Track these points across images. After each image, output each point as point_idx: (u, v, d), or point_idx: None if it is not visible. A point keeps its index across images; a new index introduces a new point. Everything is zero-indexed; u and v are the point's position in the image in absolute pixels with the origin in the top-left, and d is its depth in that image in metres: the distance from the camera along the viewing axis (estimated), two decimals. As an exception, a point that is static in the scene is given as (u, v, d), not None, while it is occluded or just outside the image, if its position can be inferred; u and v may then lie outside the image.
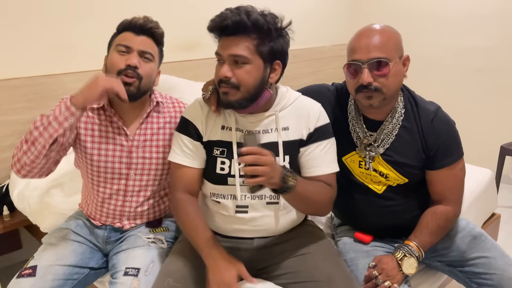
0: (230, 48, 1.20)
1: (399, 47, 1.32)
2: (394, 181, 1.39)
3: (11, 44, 2.13)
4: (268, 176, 1.08)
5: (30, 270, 1.32)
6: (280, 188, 1.13)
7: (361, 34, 1.31)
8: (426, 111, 1.35)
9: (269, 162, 1.08)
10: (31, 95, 2.18)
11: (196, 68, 2.85)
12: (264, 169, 1.07)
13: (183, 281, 1.22)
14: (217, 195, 1.34)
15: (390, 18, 3.80)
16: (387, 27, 1.32)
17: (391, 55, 1.27)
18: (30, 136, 1.24)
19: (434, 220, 1.35)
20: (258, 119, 1.31)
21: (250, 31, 1.19)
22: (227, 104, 1.25)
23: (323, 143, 1.32)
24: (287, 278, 1.28)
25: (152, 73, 1.42)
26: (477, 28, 3.38)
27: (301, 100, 1.37)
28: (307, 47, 3.72)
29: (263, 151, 1.09)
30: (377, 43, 1.26)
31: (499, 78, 3.33)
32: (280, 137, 1.30)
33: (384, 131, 1.36)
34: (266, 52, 1.22)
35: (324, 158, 1.32)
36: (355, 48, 1.29)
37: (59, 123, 1.23)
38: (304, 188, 1.21)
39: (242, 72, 1.21)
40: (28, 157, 1.24)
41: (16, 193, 1.93)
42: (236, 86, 1.21)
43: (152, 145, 1.47)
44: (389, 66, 1.26)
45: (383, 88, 1.28)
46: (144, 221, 1.52)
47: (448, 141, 1.34)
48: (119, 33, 1.41)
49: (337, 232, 1.58)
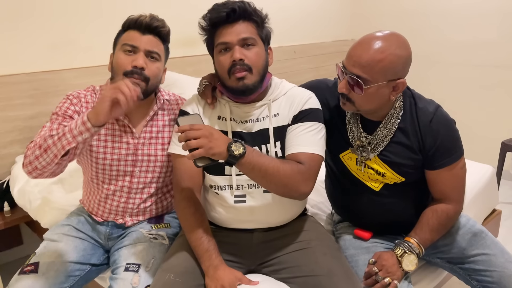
0: (238, 33, 1.27)
1: (393, 72, 1.22)
2: (390, 180, 1.39)
3: (11, 40, 2.13)
4: (206, 147, 1.10)
5: (32, 266, 1.32)
6: (227, 158, 1.15)
7: (360, 42, 1.24)
8: (425, 112, 1.33)
9: (202, 134, 1.10)
10: (32, 91, 2.18)
11: (197, 64, 2.84)
12: (198, 141, 1.09)
13: (183, 276, 1.22)
14: (215, 186, 1.35)
15: (390, 14, 3.80)
16: (392, 45, 1.21)
17: (374, 77, 1.21)
18: (44, 142, 1.21)
19: (435, 217, 1.35)
20: (253, 108, 1.35)
21: (252, 16, 1.29)
22: (245, 88, 1.28)
23: (306, 124, 1.32)
24: (287, 272, 1.28)
25: (159, 73, 1.42)
26: (478, 24, 3.37)
27: (295, 90, 1.40)
28: (308, 43, 3.71)
29: (194, 126, 1.12)
30: (364, 61, 1.20)
31: (500, 74, 3.32)
32: (271, 124, 1.33)
33: (379, 135, 1.36)
34: (264, 35, 1.34)
35: (303, 138, 1.30)
36: (349, 53, 1.26)
37: (73, 136, 1.19)
38: (259, 160, 1.19)
39: (252, 53, 1.28)
40: (40, 162, 1.22)
41: (16, 189, 1.94)
42: (250, 68, 1.27)
43: (157, 142, 1.47)
44: (362, 88, 1.22)
45: (355, 102, 1.28)
46: (146, 217, 1.53)
47: (447, 142, 1.32)
48: (124, 31, 1.40)
49: (337, 228, 1.58)
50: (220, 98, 1.38)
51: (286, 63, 3.48)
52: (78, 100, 1.42)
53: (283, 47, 3.43)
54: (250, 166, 1.18)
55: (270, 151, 1.32)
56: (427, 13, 3.64)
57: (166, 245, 1.44)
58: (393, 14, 3.81)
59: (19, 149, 2.18)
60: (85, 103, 1.42)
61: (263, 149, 1.32)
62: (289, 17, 3.45)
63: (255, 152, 1.20)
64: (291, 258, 1.30)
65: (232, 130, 1.33)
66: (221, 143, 1.13)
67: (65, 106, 1.39)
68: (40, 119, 2.20)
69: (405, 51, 1.23)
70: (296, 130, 1.32)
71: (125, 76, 1.34)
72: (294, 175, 1.23)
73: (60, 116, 1.37)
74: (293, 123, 1.33)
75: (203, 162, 1.14)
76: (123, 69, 1.35)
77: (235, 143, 1.15)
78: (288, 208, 1.39)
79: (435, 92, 1.44)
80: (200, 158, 1.12)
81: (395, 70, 1.23)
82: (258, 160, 1.19)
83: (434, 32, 3.63)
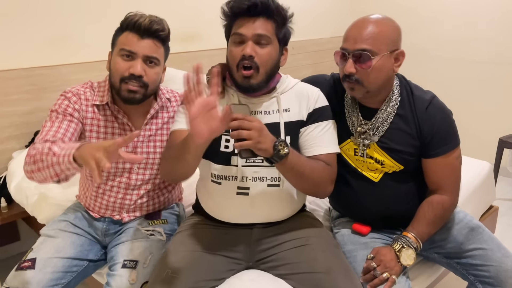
0: (255, 27, 1.26)
1: (392, 41, 1.30)
2: (389, 168, 1.39)
3: (8, 35, 2.11)
4: (255, 140, 1.10)
5: (29, 262, 1.32)
6: (271, 156, 1.15)
7: (355, 23, 1.31)
8: (421, 99, 1.36)
9: (254, 126, 1.11)
10: (29, 86, 2.17)
11: (195, 59, 2.80)
12: (249, 133, 1.10)
13: (181, 272, 1.22)
14: (219, 176, 1.34)
15: (389, 9, 3.79)
16: (384, 19, 1.31)
17: (378, 48, 1.27)
18: (38, 162, 1.19)
19: (431, 210, 1.36)
20: (261, 101, 1.35)
21: (273, 14, 1.28)
22: (249, 86, 1.29)
23: (322, 123, 1.36)
24: (285, 269, 1.28)
25: (158, 77, 1.40)
26: (476, 20, 3.37)
27: (301, 85, 1.42)
28: (306, 39, 3.70)
29: (248, 117, 1.12)
30: (365, 35, 1.27)
31: (498, 70, 3.33)
32: (282, 118, 1.33)
33: (379, 120, 1.37)
34: (282, 36, 1.32)
35: (323, 138, 1.35)
36: (346, 36, 1.32)
37: (61, 170, 1.16)
38: (299, 160, 1.23)
39: (264, 52, 1.27)
40: (36, 177, 1.22)
41: (13, 185, 1.93)
42: (257, 67, 1.26)
43: (156, 139, 1.47)
44: (371, 60, 1.26)
45: (364, 81, 1.30)
46: (143, 213, 1.52)
47: (443, 130, 1.34)
48: (122, 31, 1.36)
49: (335, 224, 1.58)
50: (229, 88, 1.37)
51: (285, 59, 3.47)
52: (78, 98, 1.40)
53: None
54: (290, 166, 1.21)
55: None
56: (425, 8, 3.64)
57: (163, 241, 1.44)
58: (391, 9, 3.80)
59: (16, 144, 2.17)
60: (85, 100, 1.41)
61: None
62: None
63: (295, 153, 1.23)
64: (290, 255, 1.31)
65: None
66: (268, 140, 1.15)
67: (64, 104, 1.38)
68: (37, 114, 2.19)
69: (397, 24, 1.33)
70: (315, 131, 1.35)
71: (122, 82, 1.33)
72: (325, 176, 1.31)
73: (60, 114, 1.36)
74: (310, 123, 1.35)
75: (248, 154, 1.15)
76: (120, 75, 1.33)
77: (280, 142, 1.16)
78: (288, 203, 1.39)
79: (433, 88, 1.44)
80: (246, 149, 1.13)
81: (393, 39, 1.30)
82: (298, 161, 1.22)
83: (431, 28, 3.63)
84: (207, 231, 1.38)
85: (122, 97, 1.35)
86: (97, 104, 1.42)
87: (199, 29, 2.80)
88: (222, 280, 1.27)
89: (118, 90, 1.35)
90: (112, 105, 1.42)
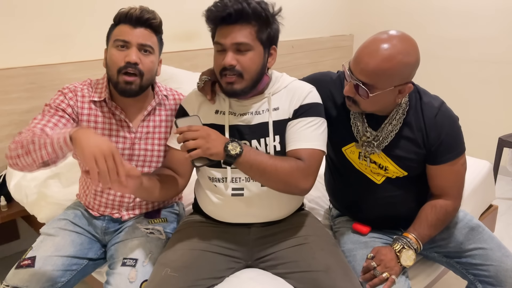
0: (233, 36, 1.23)
1: (400, 78, 1.22)
2: (393, 174, 1.39)
3: (8, 33, 2.11)
4: (203, 148, 1.13)
5: (29, 261, 1.32)
6: (224, 158, 1.17)
7: (366, 47, 1.21)
8: (430, 107, 1.34)
9: (200, 135, 1.13)
10: (28, 85, 2.16)
11: (194, 58, 2.83)
12: (195, 142, 1.12)
13: (181, 271, 1.22)
14: (213, 178, 1.35)
15: (389, 9, 3.79)
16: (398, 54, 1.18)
17: (380, 84, 1.21)
18: (26, 145, 1.18)
19: (433, 213, 1.35)
20: (252, 102, 1.35)
21: (251, 19, 1.23)
22: (233, 93, 1.28)
23: (307, 119, 1.31)
24: (284, 268, 1.28)
25: (153, 67, 1.40)
26: (477, 20, 3.37)
27: (295, 83, 1.39)
28: (306, 38, 3.70)
29: (192, 127, 1.14)
30: (370, 68, 1.19)
31: (498, 70, 3.32)
32: (271, 117, 1.32)
33: (384, 131, 1.35)
34: (265, 38, 1.27)
35: (304, 133, 1.30)
36: (356, 58, 1.24)
37: (53, 149, 1.14)
38: (257, 158, 1.21)
39: (246, 59, 1.24)
40: (21, 162, 1.20)
41: (13, 183, 1.93)
42: (240, 74, 1.25)
43: (154, 137, 1.47)
44: (367, 94, 1.22)
45: (360, 105, 1.29)
46: (142, 211, 1.52)
47: (450, 137, 1.33)
48: (115, 26, 1.38)
49: (335, 223, 1.58)
50: (219, 92, 1.37)
51: (284, 58, 3.47)
52: (74, 94, 1.40)
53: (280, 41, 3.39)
54: (248, 165, 1.20)
55: (269, 145, 1.31)
56: (426, 7, 3.63)
57: (163, 240, 1.44)
58: (392, 9, 3.80)
59: (15, 143, 2.17)
60: (81, 97, 1.41)
61: (262, 142, 1.32)
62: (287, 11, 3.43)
63: (252, 151, 1.21)
64: (288, 254, 1.30)
65: (230, 124, 1.33)
66: (218, 143, 1.15)
67: (59, 99, 1.38)
68: (36, 113, 2.14)
69: (413, 57, 1.21)
70: (296, 126, 1.31)
71: (119, 72, 1.33)
72: (293, 172, 1.23)
73: (52, 108, 1.36)
74: (294, 118, 1.32)
75: (201, 162, 1.16)
76: (117, 66, 1.33)
77: (232, 142, 1.17)
78: (285, 203, 1.39)
79: (433, 87, 1.44)
80: (198, 158, 1.15)
81: (402, 76, 1.22)
82: (256, 159, 1.20)
83: (432, 27, 3.62)
84: (206, 230, 1.38)
85: (119, 89, 1.36)
86: (94, 101, 1.42)
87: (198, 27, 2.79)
88: (222, 279, 1.27)
89: (115, 83, 1.35)
90: (110, 101, 1.42)
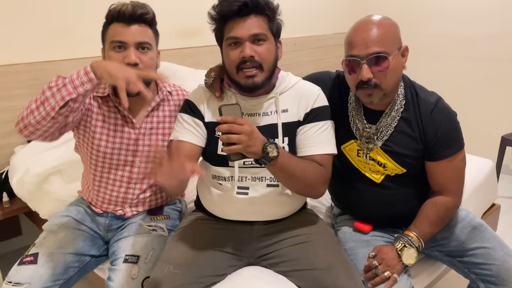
0: (249, 28, 1.24)
1: (398, 39, 1.29)
2: (392, 171, 1.38)
3: (10, 29, 2.11)
4: (244, 144, 1.09)
5: (31, 257, 1.32)
6: (260, 158, 1.15)
7: (358, 28, 1.27)
8: (426, 102, 1.34)
9: (245, 130, 1.09)
10: (31, 81, 2.16)
11: (196, 55, 2.83)
12: (239, 137, 1.08)
13: (183, 268, 1.22)
14: (219, 177, 1.35)
15: (391, 7, 3.77)
16: (385, 19, 1.28)
17: (390, 48, 1.24)
18: (42, 95, 1.18)
19: (434, 210, 1.35)
20: (259, 101, 1.34)
21: (263, 10, 1.26)
22: (254, 87, 1.27)
23: (319, 124, 1.33)
24: (287, 266, 1.28)
25: (153, 63, 1.40)
26: (479, 18, 3.35)
27: (301, 84, 1.40)
28: (308, 35, 3.69)
29: (238, 120, 1.10)
30: (375, 37, 1.23)
31: (501, 68, 3.31)
32: (280, 119, 1.32)
33: (383, 123, 1.36)
34: (275, 29, 1.30)
35: (318, 138, 1.33)
36: (353, 43, 1.26)
37: (74, 87, 1.16)
38: (289, 162, 1.21)
39: (263, 49, 1.26)
40: (35, 117, 1.19)
41: (15, 179, 1.93)
42: (260, 65, 1.25)
43: (158, 133, 1.47)
44: (388, 60, 1.24)
45: (382, 84, 1.27)
46: (145, 208, 1.53)
47: (448, 133, 1.32)
48: (109, 24, 1.36)
49: (337, 221, 1.58)
50: (227, 90, 1.37)
51: (287, 56, 3.43)
52: None
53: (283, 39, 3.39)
54: (280, 168, 1.20)
55: None
56: (428, 6, 3.62)
57: (165, 237, 1.44)
58: (394, 7, 3.78)
59: (17, 139, 2.17)
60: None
61: None
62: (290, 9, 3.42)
63: (286, 154, 1.22)
64: (291, 252, 1.30)
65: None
66: (258, 142, 1.13)
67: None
68: (39, 109, 2.18)
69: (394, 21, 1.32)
70: (310, 131, 1.33)
71: None
72: (318, 177, 1.29)
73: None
74: (306, 122, 1.33)
75: (237, 157, 1.14)
76: None
77: (270, 144, 1.15)
78: (289, 202, 1.39)
79: (435, 86, 1.43)
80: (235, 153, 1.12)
81: (398, 37, 1.30)
82: (288, 163, 1.21)
83: (434, 26, 3.61)
84: (208, 227, 1.38)
85: None
86: (99, 96, 1.42)
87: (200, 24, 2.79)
88: (224, 276, 1.28)
89: None
90: (113, 97, 1.43)
